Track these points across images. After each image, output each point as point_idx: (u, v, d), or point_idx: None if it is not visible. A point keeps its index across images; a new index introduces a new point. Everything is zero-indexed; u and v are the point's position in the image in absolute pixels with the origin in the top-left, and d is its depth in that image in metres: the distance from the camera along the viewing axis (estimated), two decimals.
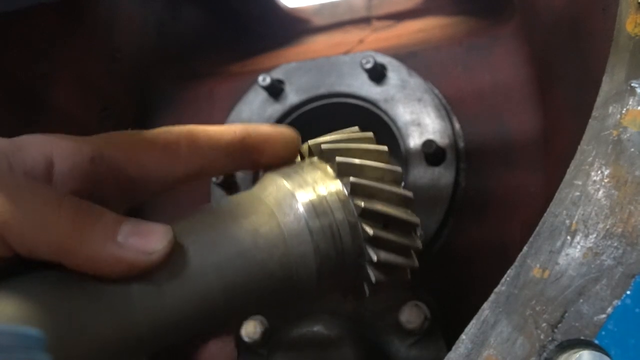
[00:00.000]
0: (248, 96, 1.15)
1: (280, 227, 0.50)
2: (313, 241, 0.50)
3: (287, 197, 0.51)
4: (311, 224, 0.50)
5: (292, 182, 0.52)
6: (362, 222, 0.51)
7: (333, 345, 0.91)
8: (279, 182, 0.52)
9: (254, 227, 0.49)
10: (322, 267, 0.51)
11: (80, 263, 0.43)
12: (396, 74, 1.08)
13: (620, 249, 0.44)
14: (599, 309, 0.43)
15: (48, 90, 1.04)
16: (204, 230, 0.49)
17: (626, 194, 0.46)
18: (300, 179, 0.53)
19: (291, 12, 1.43)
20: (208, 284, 0.47)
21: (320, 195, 0.51)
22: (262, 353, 0.97)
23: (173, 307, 0.46)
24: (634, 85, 0.50)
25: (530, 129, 1.01)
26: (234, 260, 0.48)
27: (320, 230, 0.51)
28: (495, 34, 1.09)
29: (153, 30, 1.31)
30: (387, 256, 0.52)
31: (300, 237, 0.50)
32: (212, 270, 0.47)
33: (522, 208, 0.99)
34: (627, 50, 0.52)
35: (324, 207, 0.51)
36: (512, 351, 0.44)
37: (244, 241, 0.49)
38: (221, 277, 0.48)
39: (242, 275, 0.49)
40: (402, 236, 0.53)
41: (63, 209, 0.43)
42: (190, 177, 0.52)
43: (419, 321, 0.90)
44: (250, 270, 0.49)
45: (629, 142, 0.48)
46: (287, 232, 0.50)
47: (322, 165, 0.54)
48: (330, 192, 0.52)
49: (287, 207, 0.51)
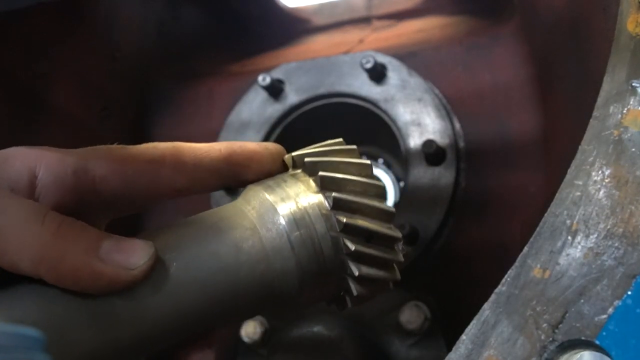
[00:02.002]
0: (248, 96, 1.15)
1: (262, 242, 0.51)
2: (295, 256, 0.51)
3: (270, 211, 0.52)
4: (293, 239, 0.51)
5: (275, 196, 0.52)
6: (344, 237, 0.52)
7: (333, 345, 0.91)
8: (261, 195, 0.53)
9: (236, 242, 0.50)
10: (304, 281, 0.52)
11: (61, 278, 0.43)
12: (396, 74, 1.08)
13: (621, 249, 0.44)
14: (600, 309, 0.43)
15: (48, 90, 1.04)
16: (186, 245, 0.49)
17: (627, 194, 0.46)
18: (282, 192, 0.53)
19: (291, 12, 1.43)
20: (191, 299, 0.48)
21: (302, 210, 0.52)
22: (262, 353, 0.97)
23: (155, 321, 0.47)
24: (634, 85, 0.50)
25: (531, 129, 1.01)
26: (216, 275, 0.49)
27: (302, 244, 0.51)
28: (495, 34, 1.09)
29: (153, 30, 1.30)
30: (368, 270, 0.52)
31: (282, 252, 0.51)
32: (194, 286, 0.48)
33: (523, 208, 0.99)
34: (628, 50, 0.52)
35: (305, 222, 0.52)
36: (513, 351, 0.44)
37: (227, 257, 0.49)
38: (204, 293, 0.48)
39: (225, 291, 0.49)
40: (383, 250, 0.54)
41: (45, 224, 0.43)
42: (175, 193, 0.52)
43: (419, 321, 0.90)
44: (232, 285, 0.50)
45: (630, 142, 0.48)
46: (269, 247, 0.51)
47: (305, 179, 0.54)
48: (313, 206, 0.52)
49: (270, 222, 0.51)
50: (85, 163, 0.48)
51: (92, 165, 0.48)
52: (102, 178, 0.48)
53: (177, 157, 0.52)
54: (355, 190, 0.53)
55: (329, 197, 0.52)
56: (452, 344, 0.47)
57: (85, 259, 0.44)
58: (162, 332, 0.47)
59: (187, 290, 0.48)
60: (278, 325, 0.96)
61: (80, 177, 0.47)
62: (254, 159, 0.55)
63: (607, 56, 0.53)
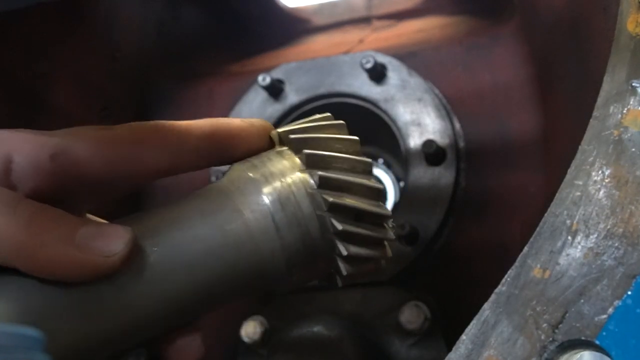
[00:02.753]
0: (248, 96, 1.15)
1: (246, 224, 0.49)
2: (280, 237, 0.49)
3: (254, 191, 0.50)
4: (277, 219, 0.49)
5: (259, 175, 0.51)
6: (331, 216, 0.50)
7: (333, 345, 0.91)
8: (245, 175, 0.51)
9: (220, 224, 0.48)
10: (291, 262, 0.50)
11: (37, 268, 0.41)
12: (396, 74, 1.08)
13: (621, 249, 0.44)
14: (600, 309, 0.43)
15: (48, 90, 1.04)
16: (169, 230, 0.47)
17: (627, 194, 0.46)
18: (267, 171, 0.51)
19: (291, 12, 1.43)
20: (175, 284, 0.46)
21: (287, 189, 0.50)
22: (262, 353, 0.97)
23: (140, 308, 0.45)
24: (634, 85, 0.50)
25: (531, 129, 1.01)
26: (200, 259, 0.47)
27: (287, 225, 0.49)
28: (495, 34, 1.09)
29: (153, 30, 1.30)
30: (357, 250, 0.51)
31: (267, 233, 0.49)
32: (178, 271, 0.47)
33: (522, 208, 0.99)
34: (628, 50, 0.52)
35: (291, 202, 0.50)
36: (513, 352, 0.44)
37: (210, 240, 0.48)
38: (188, 277, 0.47)
39: (210, 274, 0.48)
40: (373, 229, 0.52)
41: (19, 213, 0.41)
42: (159, 174, 0.50)
43: (419, 321, 0.90)
44: (218, 269, 0.48)
45: (630, 142, 0.48)
46: (254, 228, 0.49)
47: (291, 156, 0.53)
48: (298, 185, 0.51)
49: (254, 202, 0.49)
50: (65, 146, 0.45)
51: (72, 148, 0.45)
52: (83, 162, 0.46)
53: (160, 136, 0.50)
54: (342, 167, 0.52)
55: (315, 175, 0.51)
56: (452, 344, 0.47)
57: (60, 248, 0.42)
58: (149, 319, 0.46)
59: (171, 275, 0.46)
60: (278, 325, 0.96)
61: (59, 161, 0.45)
62: (240, 136, 0.53)
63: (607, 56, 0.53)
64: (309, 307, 0.98)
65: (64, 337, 0.42)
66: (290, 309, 0.99)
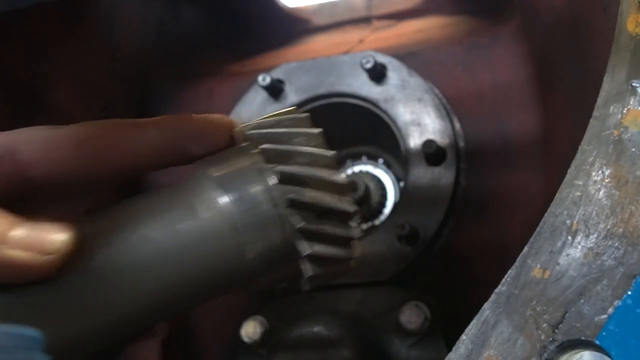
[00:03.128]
0: (248, 96, 1.15)
1: (201, 224, 0.47)
2: (237, 237, 0.47)
3: (210, 190, 0.48)
4: (235, 219, 0.47)
5: (218, 173, 0.49)
6: (292, 213, 0.48)
7: (333, 345, 0.91)
8: (204, 173, 0.49)
9: (174, 224, 0.46)
10: (253, 263, 0.48)
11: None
12: (396, 74, 1.08)
13: (621, 249, 0.44)
14: (600, 309, 0.43)
15: (48, 90, 1.04)
16: (120, 229, 0.45)
17: (627, 194, 0.46)
18: (227, 168, 0.49)
19: (291, 12, 1.43)
20: (124, 286, 0.44)
21: (246, 187, 0.48)
22: (262, 353, 0.97)
23: (86, 313, 0.43)
24: (635, 85, 0.50)
25: (531, 129, 1.01)
26: (152, 261, 0.45)
27: (245, 224, 0.47)
28: (495, 34, 1.09)
29: (153, 30, 1.30)
30: (321, 249, 0.49)
31: (223, 233, 0.47)
32: (127, 273, 0.44)
33: (522, 208, 0.99)
34: (628, 50, 0.52)
35: (248, 199, 0.48)
36: (513, 352, 0.44)
37: (163, 241, 0.45)
38: (138, 281, 0.44)
39: (162, 277, 0.45)
40: (336, 226, 0.50)
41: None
42: (114, 177, 0.48)
43: (419, 321, 0.90)
44: (170, 271, 0.46)
45: (630, 142, 0.48)
46: (209, 228, 0.47)
47: (251, 152, 0.51)
48: (258, 182, 0.48)
49: (210, 201, 0.47)
50: (11, 147, 0.44)
51: (18, 150, 0.44)
52: (29, 164, 0.44)
53: (113, 136, 0.47)
54: (303, 162, 0.50)
55: (274, 171, 0.49)
56: (452, 344, 0.47)
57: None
58: (95, 326, 0.43)
59: (120, 277, 0.44)
60: (278, 325, 0.96)
61: (4, 164, 0.43)
62: (201, 134, 0.51)
63: (607, 56, 0.53)
64: (309, 307, 0.98)
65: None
66: (290, 309, 0.99)
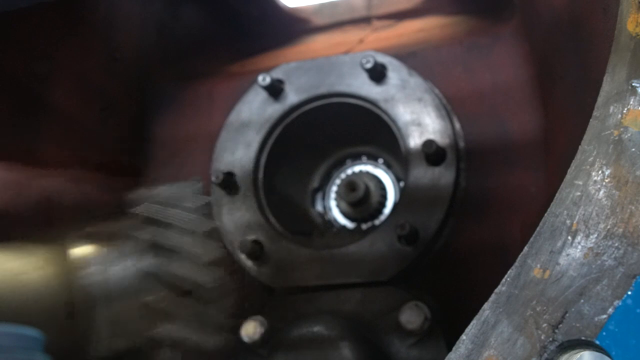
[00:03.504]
0: (248, 96, 1.15)
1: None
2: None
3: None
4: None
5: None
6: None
7: (333, 345, 0.91)
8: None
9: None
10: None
11: None
12: (396, 74, 1.08)
13: (621, 249, 0.44)
14: (600, 309, 0.43)
15: (48, 90, 1.04)
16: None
17: (627, 194, 0.46)
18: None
19: (291, 12, 1.43)
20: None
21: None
22: (262, 353, 0.97)
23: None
24: (635, 85, 0.50)
25: (531, 129, 1.01)
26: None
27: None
28: (495, 34, 1.09)
29: (153, 30, 1.30)
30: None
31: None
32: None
33: (523, 208, 0.99)
34: (628, 50, 0.52)
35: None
36: (513, 352, 0.44)
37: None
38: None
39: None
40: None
41: None
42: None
43: (419, 321, 0.90)
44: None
45: (630, 142, 0.48)
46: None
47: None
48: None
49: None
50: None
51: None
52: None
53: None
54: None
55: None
56: (452, 344, 0.47)
57: None
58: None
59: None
60: (278, 325, 0.96)
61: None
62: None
63: (607, 56, 0.53)
64: (309, 307, 0.98)
65: None
66: (290, 309, 0.99)
